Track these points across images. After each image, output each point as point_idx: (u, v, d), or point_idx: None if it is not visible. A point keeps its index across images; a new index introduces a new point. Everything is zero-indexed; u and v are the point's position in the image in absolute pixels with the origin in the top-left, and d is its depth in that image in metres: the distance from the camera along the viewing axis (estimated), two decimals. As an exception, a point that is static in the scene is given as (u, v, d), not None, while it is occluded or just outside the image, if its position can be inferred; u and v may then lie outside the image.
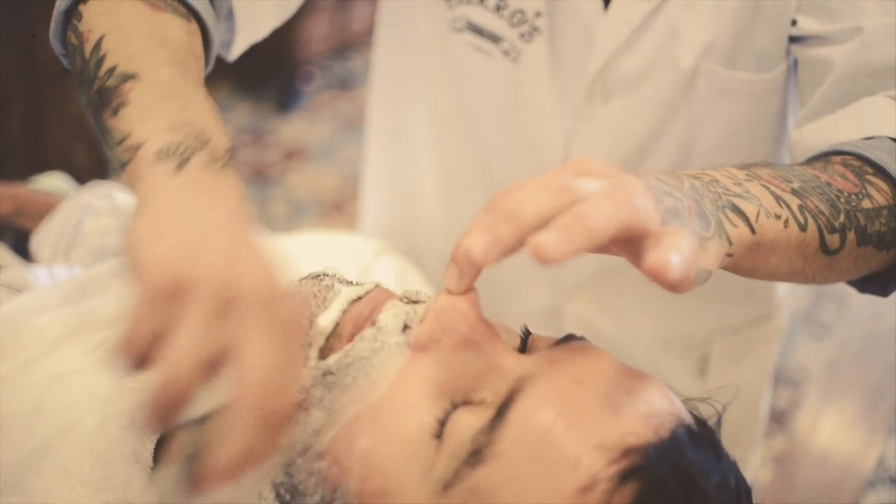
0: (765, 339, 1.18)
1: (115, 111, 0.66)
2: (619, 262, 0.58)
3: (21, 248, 1.04)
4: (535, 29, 0.95)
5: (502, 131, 1.03)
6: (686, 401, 0.62)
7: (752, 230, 0.65)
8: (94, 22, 0.73)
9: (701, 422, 0.61)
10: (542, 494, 0.55)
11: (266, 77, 3.38)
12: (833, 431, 2.65)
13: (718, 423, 0.62)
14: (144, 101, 0.65)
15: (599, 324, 1.06)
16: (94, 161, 2.85)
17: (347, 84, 3.70)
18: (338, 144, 3.39)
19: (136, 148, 0.62)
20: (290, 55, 3.41)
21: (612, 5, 0.93)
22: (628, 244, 0.55)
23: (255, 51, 0.96)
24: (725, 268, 0.65)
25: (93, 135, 0.70)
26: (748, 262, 0.65)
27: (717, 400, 0.63)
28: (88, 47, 0.71)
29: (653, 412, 0.58)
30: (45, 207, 1.08)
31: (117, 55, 0.69)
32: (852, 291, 0.85)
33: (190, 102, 0.66)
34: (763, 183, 0.69)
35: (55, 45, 0.81)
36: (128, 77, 0.67)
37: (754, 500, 0.62)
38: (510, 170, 1.04)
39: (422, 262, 1.06)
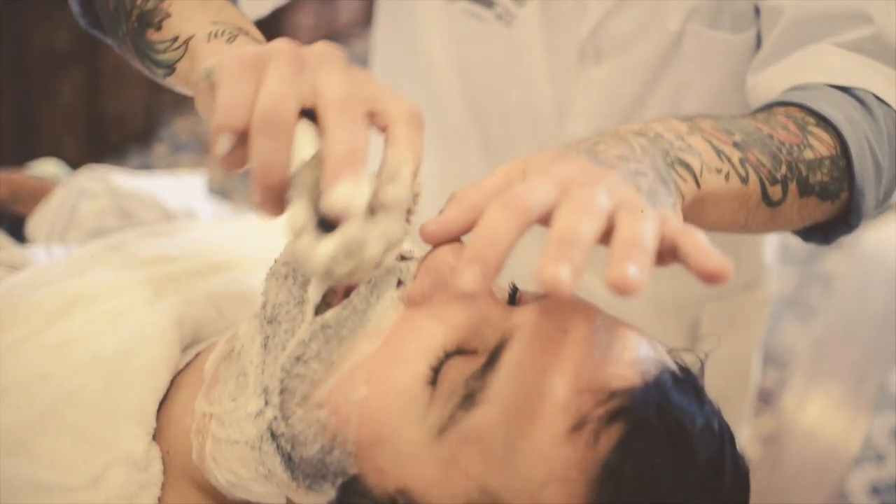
0: (753, 307, 1.20)
1: (159, 26, 0.76)
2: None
3: (17, 234, 1.05)
4: None
5: (498, 94, 1.06)
6: (670, 351, 0.65)
7: (698, 184, 0.67)
8: None
9: (685, 369, 0.63)
10: (533, 435, 0.58)
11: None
12: (820, 411, 2.68)
13: (702, 370, 0.65)
14: (184, 11, 0.76)
15: (594, 287, 1.08)
16: (83, 153, 2.86)
17: (335, 75, 3.72)
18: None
19: (187, 41, 0.73)
20: (277, 47, 3.43)
21: None
22: None
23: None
24: None
25: (82, 128, 0.77)
26: (692, 216, 0.67)
27: (700, 350, 0.66)
28: None
29: (638, 358, 0.61)
30: (40, 192, 1.10)
31: None
32: (837, 273, 0.88)
33: (223, 8, 0.76)
34: (705, 136, 0.71)
35: (73, 7, 0.89)
36: None
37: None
38: (506, 131, 1.07)
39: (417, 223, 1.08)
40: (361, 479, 0.62)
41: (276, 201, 0.61)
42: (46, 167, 1.34)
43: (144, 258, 0.86)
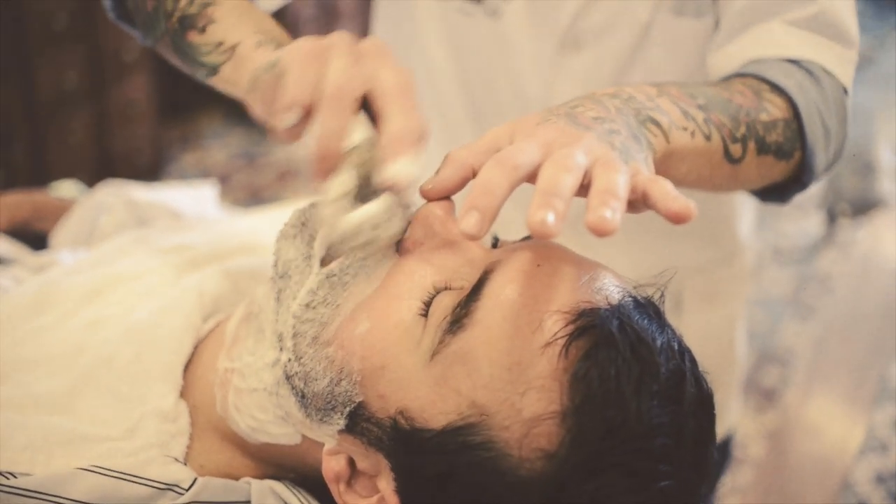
0: (734, 281, 1.27)
1: (203, 29, 0.84)
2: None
3: (40, 250, 1.12)
4: None
5: (490, 84, 1.14)
6: (636, 286, 0.72)
7: (667, 139, 0.75)
8: None
9: (646, 298, 0.71)
10: (512, 351, 0.66)
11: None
12: (822, 406, 2.73)
13: (662, 298, 0.72)
14: (228, 19, 0.84)
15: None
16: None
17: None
18: (329, 162, 3.48)
19: (233, 47, 0.81)
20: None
21: None
22: None
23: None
24: None
25: (91, 166, 0.83)
26: (662, 170, 0.74)
27: (659, 283, 0.73)
28: None
29: (603, 286, 0.69)
30: (61, 211, 1.17)
31: None
32: (835, 273, 0.94)
33: (263, 20, 0.84)
34: (672, 99, 0.79)
35: (105, 1, 0.97)
36: (208, 3, 0.85)
37: (749, 475, 0.71)
38: (498, 117, 1.14)
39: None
40: (366, 406, 0.70)
41: (328, 169, 0.70)
42: (65, 187, 1.42)
43: (166, 248, 0.94)
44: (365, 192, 0.71)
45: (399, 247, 0.73)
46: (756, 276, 3.15)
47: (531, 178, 0.64)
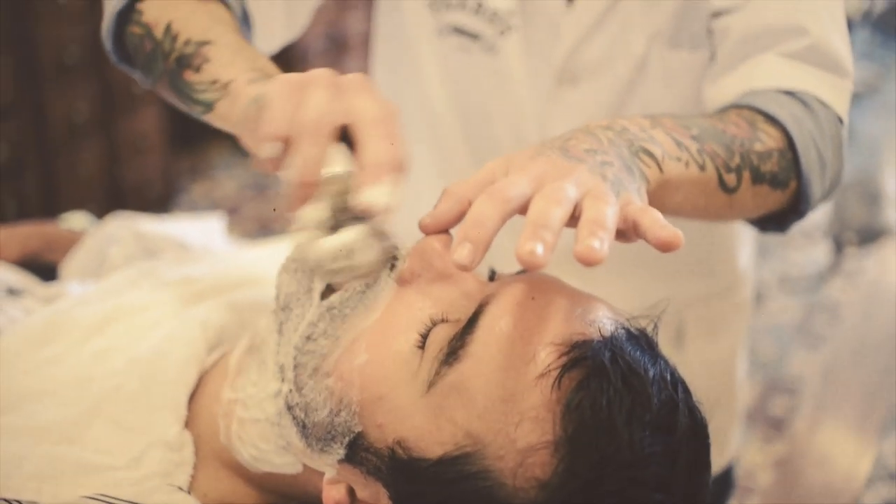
0: (734, 312, 1.29)
1: (198, 68, 0.86)
2: None
3: (50, 281, 1.14)
4: (509, 27, 1.09)
5: (487, 117, 1.16)
6: (630, 317, 0.74)
7: (661, 169, 0.76)
8: (157, 13, 0.92)
9: (640, 329, 0.72)
10: (506, 382, 0.67)
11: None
12: (831, 435, 2.72)
13: (655, 329, 0.73)
14: (223, 57, 0.86)
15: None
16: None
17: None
18: (337, 193, 3.50)
19: (227, 84, 0.83)
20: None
21: (576, 2, 1.06)
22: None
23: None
24: None
25: (102, 198, 0.85)
26: (657, 200, 0.75)
27: (653, 315, 0.75)
28: (159, 31, 0.91)
29: (596, 318, 0.70)
30: (71, 242, 1.19)
31: (188, 31, 0.89)
32: (843, 301, 0.95)
33: (257, 57, 0.86)
34: (666, 130, 0.80)
35: (106, 42, 0.98)
36: (204, 43, 0.87)
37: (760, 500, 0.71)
38: (495, 151, 1.17)
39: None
40: (365, 436, 0.71)
41: (305, 198, 0.72)
42: (76, 219, 1.44)
43: (173, 280, 0.96)
44: (342, 220, 0.72)
45: (398, 279, 0.75)
46: (764, 305, 3.16)
47: (523, 210, 0.66)
